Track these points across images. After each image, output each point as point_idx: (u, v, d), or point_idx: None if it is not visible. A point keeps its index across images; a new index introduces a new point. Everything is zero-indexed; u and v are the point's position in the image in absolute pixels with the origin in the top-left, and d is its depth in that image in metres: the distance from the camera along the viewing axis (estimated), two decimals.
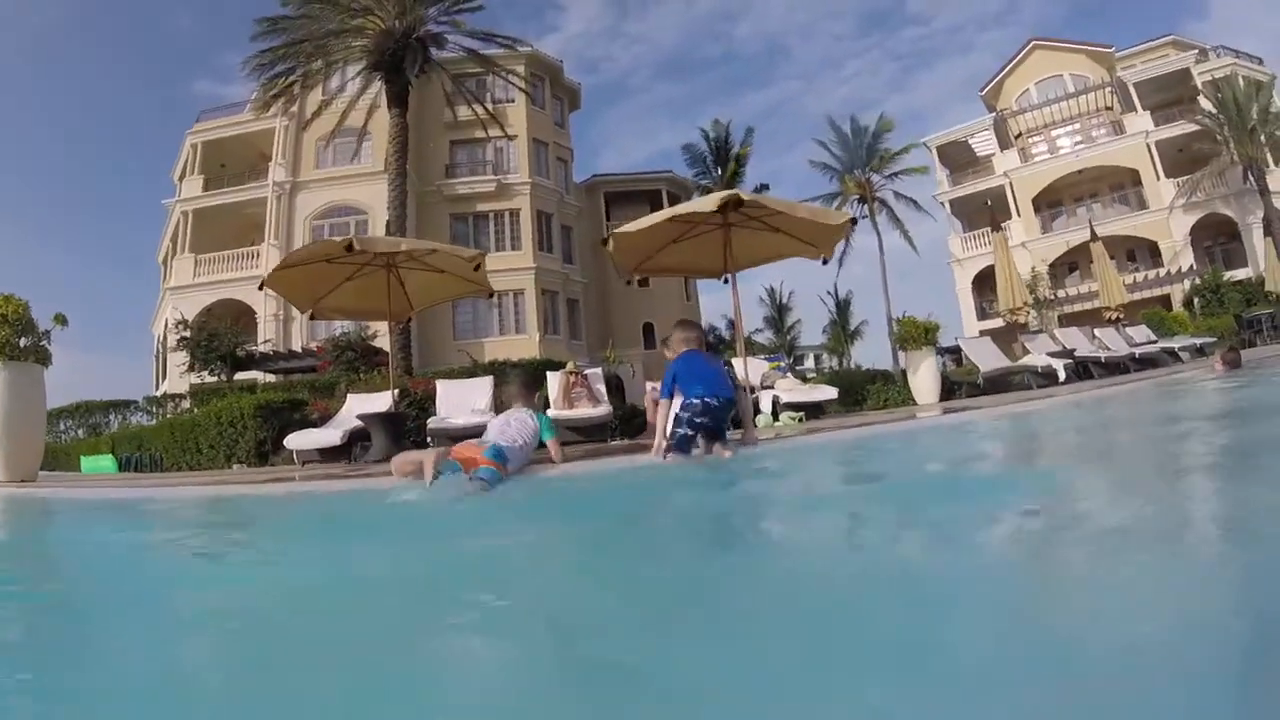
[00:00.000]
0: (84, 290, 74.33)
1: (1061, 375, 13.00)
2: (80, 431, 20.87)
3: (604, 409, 10.02)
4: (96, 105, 76.24)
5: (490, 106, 24.97)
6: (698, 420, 5.54)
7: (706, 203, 9.32)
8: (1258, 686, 1.03)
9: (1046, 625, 1.37)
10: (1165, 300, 32.30)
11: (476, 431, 9.50)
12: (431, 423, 9.92)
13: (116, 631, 1.84)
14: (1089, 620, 1.35)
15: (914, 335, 12.49)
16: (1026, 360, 13.93)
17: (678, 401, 5.56)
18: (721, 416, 5.70)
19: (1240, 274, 31.28)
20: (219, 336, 23.50)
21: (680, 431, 5.57)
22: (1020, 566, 1.81)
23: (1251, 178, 31.69)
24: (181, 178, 34.81)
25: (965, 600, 1.52)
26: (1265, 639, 1.13)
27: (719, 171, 35.79)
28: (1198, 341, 18.08)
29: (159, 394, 24.75)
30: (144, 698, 1.34)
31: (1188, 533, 2.03)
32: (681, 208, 9.95)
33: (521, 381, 5.70)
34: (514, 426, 5.19)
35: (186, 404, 20.42)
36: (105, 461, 14.57)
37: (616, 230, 8.99)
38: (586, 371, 11.04)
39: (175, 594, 2.31)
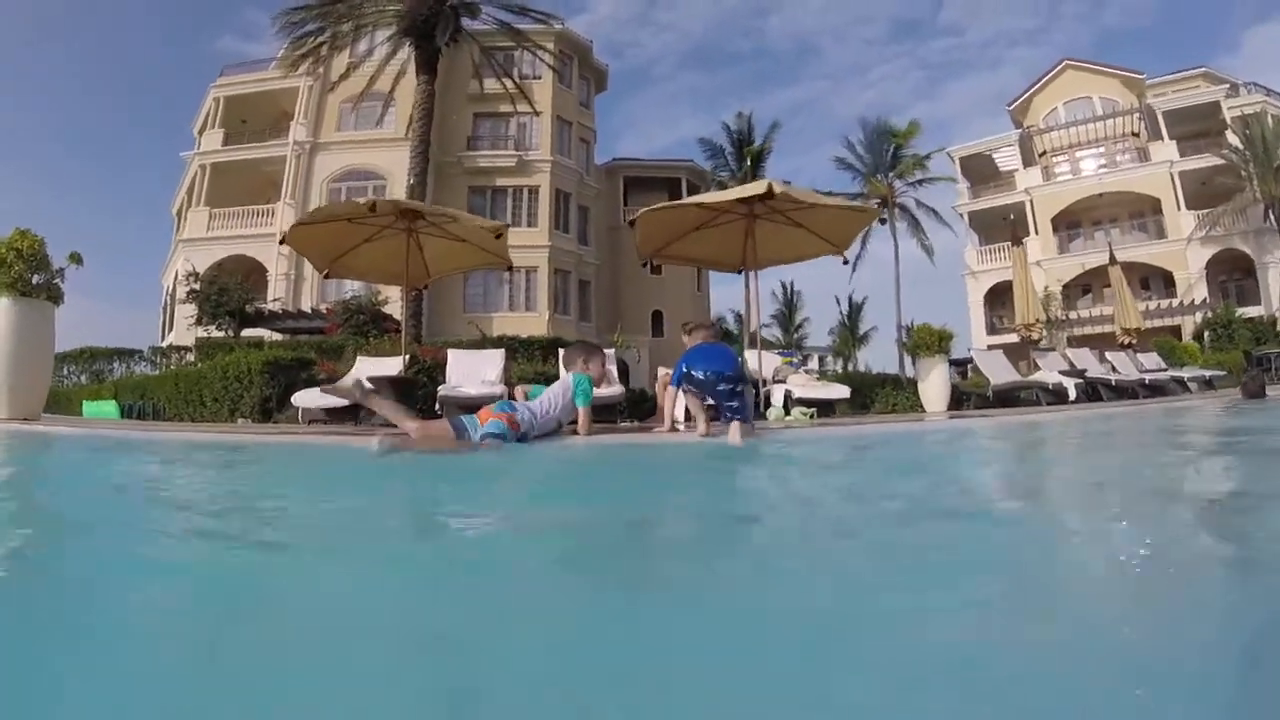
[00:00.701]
0: (96, 238, 74.37)
1: (1072, 394, 12.92)
2: (83, 377, 20.82)
3: (616, 389, 9.95)
4: (117, 57, 76.03)
5: (518, 81, 24.85)
6: (698, 379, 5.89)
7: (738, 192, 9.30)
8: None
9: None
10: (1176, 330, 32.20)
11: (488, 400, 9.51)
12: (442, 390, 9.85)
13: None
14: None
15: (928, 342, 12.42)
16: (1037, 376, 13.85)
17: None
18: (720, 392, 5.90)
19: (1252, 311, 31.18)
20: (228, 291, 23.46)
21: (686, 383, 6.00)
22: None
23: (1273, 216, 31.57)
24: (201, 131, 34.70)
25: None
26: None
27: (739, 165, 35.69)
28: (1207, 374, 17.98)
29: (164, 345, 24.74)
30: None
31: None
32: (710, 196, 9.96)
33: (581, 346, 5.92)
34: (549, 398, 5.34)
35: (191, 357, 20.39)
36: (108, 406, 14.53)
37: (643, 210, 8.96)
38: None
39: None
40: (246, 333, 23.74)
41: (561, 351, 5.81)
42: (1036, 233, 37.59)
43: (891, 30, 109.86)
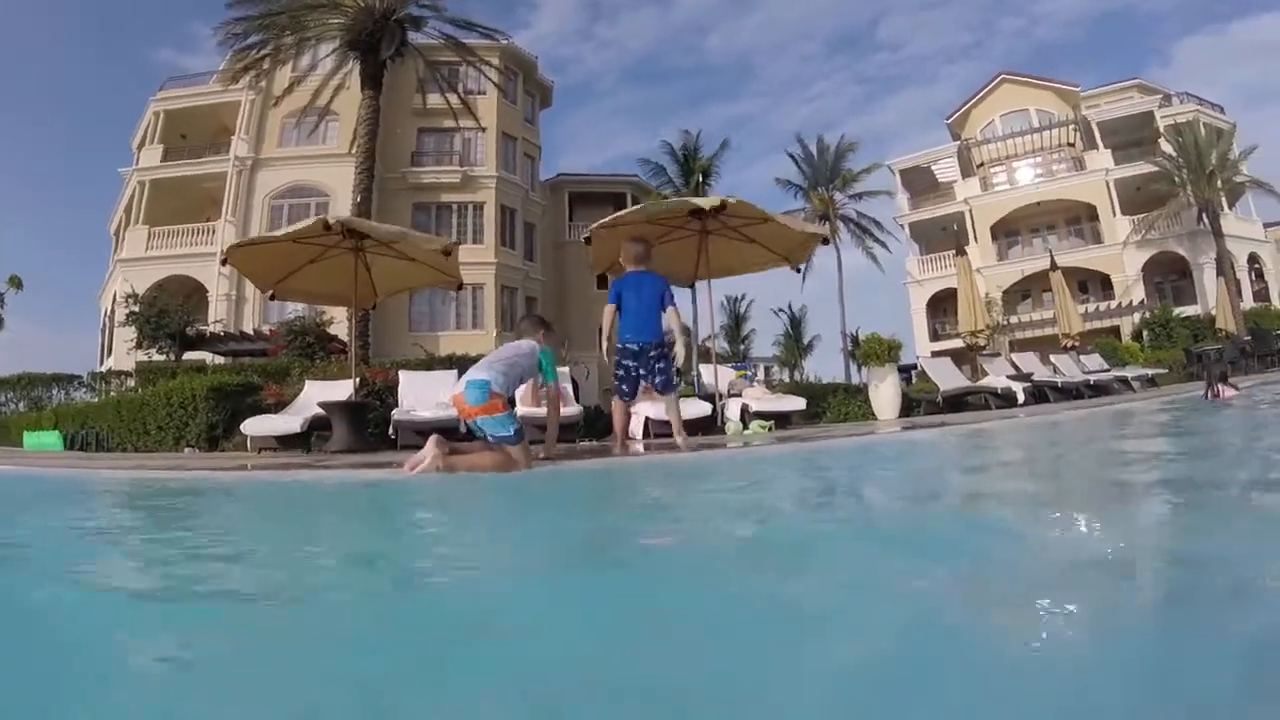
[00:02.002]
0: (29, 259, 72.02)
1: (1020, 398, 13.20)
2: (21, 405, 20.11)
3: (574, 409, 9.91)
4: (50, 70, 73.90)
5: (463, 96, 24.67)
6: (624, 364, 6.06)
7: (693, 202, 9.32)
8: None
9: None
10: (1115, 331, 33.08)
11: (444, 425, 9.37)
12: (396, 414, 9.70)
13: None
14: None
15: (877, 352, 12.58)
16: (986, 381, 14.13)
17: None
18: (651, 359, 6.03)
19: (1189, 310, 32.18)
20: (169, 313, 22.80)
21: (618, 382, 6.16)
22: None
23: (1206, 219, 32.66)
24: (140, 146, 33.78)
25: None
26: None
27: (685, 181, 35.84)
28: (1149, 372, 18.50)
29: (104, 369, 23.99)
30: None
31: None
32: (667, 204, 9.96)
33: (533, 318, 5.60)
34: (509, 350, 5.12)
35: (132, 382, 19.80)
36: (50, 437, 14.03)
37: (597, 224, 8.92)
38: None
39: None
40: (188, 356, 23.10)
41: (516, 325, 5.66)
42: (976, 241, 38.33)
43: (829, 46, 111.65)
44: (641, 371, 6.05)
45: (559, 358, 7.62)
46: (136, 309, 22.85)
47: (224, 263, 9.76)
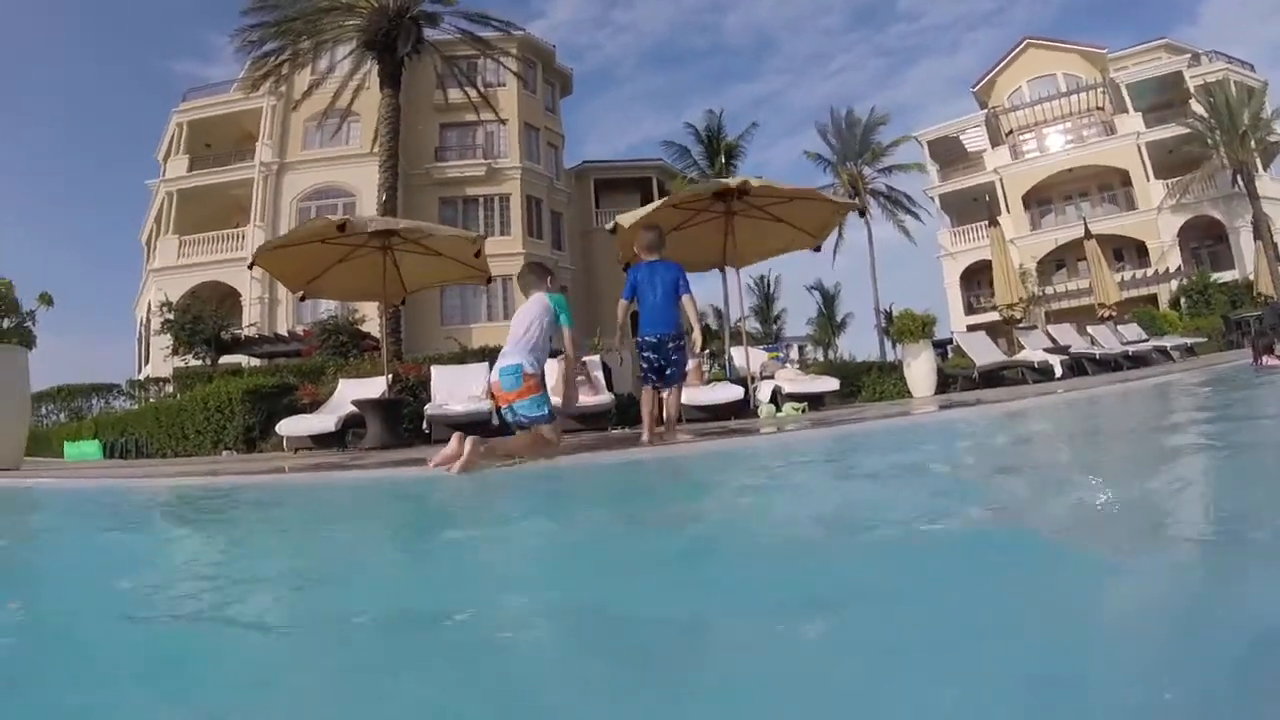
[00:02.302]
0: (65, 276, 73.31)
1: (1058, 371, 12.97)
2: (62, 415, 20.47)
3: (605, 397, 9.87)
4: (76, 87, 75.02)
5: (482, 89, 24.65)
6: (645, 356, 6.11)
7: (713, 186, 9.23)
8: None
9: None
10: (1153, 299, 32.42)
11: (476, 418, 9.40)
12: (429, 409, 9.74)
13: None
14: None
15: (911, 328, 12.43)
16: (1022, 355, 13.89)
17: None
18: (669, 350, 6.05)
19: (1226, 276, 31.41)
20: (203, 319, 23.11)
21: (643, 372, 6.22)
22: None
23: (1241, 182, 31.86)
24: (166, 157, 34.24)
25: None
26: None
27: (710, 163, 35.62)
28: (1188, 341, 18.13)
29: (141, 377, 24.36)
30: None
31: None
32: (688, 190, 9.86)
33: (530, 269, 5.57)
34: (524, 317, 5.15)
35: (170, 388, 20.07)
36: (90, 447, 14.26)
37: (620, 217, 8.85)
38: (585, 359, 10.86)
39: None
40: (224, 360, 23.41)
41: (517, 280, 5.62)
42: (1008, 211, 37.67)
43: (848, 19, 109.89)
44: (662, 362, 6.09)
45: (593, 345, 7.60)
46: (171, 317, 23.17)
47: (250, 267, 9.84)
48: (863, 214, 10.63)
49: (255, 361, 23.85)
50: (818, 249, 10.92)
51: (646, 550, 2.31)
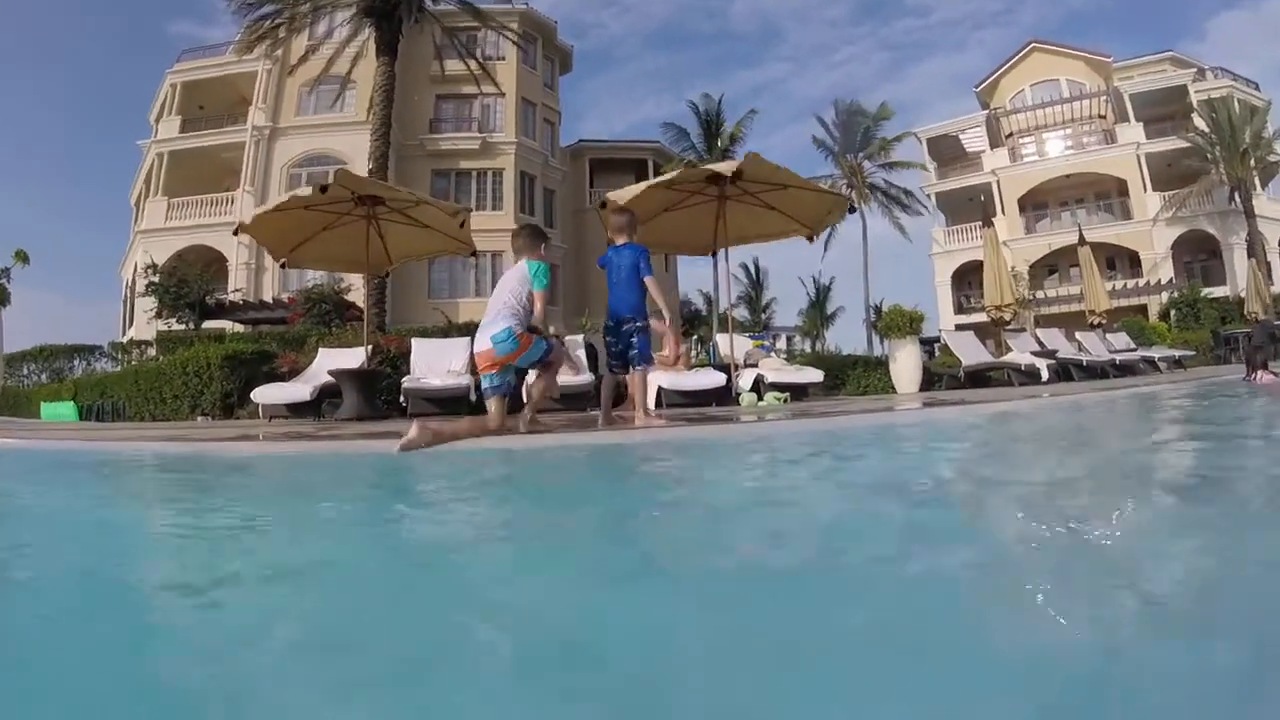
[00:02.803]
0: (55, 233, 72.61)
1: (1044, 375, 12.90)
2: (43, 376, 20.22)
3: (585, 377, 9.74)
4: (68, 44, 74.04)
5: (481, 61, 24.39)
6: (606, 339, 6.10)
7: (708, 170, 9.08)
8: None
9: None
10: (1143, 310, 32.50)
11: (453, 393, 9.28)
12: (406, 382, 9.60)
13: None
14: None
15: (899, 324, 12.33)
16: (1010, 358, 13.81)
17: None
18: (626, 332, 5.96)
19: (1218, 291, 31.58)
20: (188, 283, 22.85)
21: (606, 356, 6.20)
22: None
23: (1238, 199, 31.97)
24: (159, 119, 33.80)
25: None
26: None
27: (708, 147, 35.42)
28: (1176, 353, 18.12)
29: (125, 340, 24.10)
30: None
31: None
32: (680, 174, 9.71)
33: (527, 233, 5.57)
34: (505, 284, 5.22)
35: (153, 351, 19.85)
36: (65, 408, 14.10)
37: (610, 195, 8.71)
38: (566, 339, 10.73)
39: None
40: (208, 325, 23.17)
41: (512, 240, 5.56)
42: (1003, 213, 37.64)
43: (856, 11, 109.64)
44: (621, 346, 5.98)
45: (581, 325, 7.51)
46: (156, 279, 22.91)
47: (236, 232, 9.67)
48: (853, 210, 10.47)
49: (239, 328, 23.62)
50: (812, 239, 10.82)
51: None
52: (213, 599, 1.55)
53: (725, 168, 8.69)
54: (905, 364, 12.29)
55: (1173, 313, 29.29)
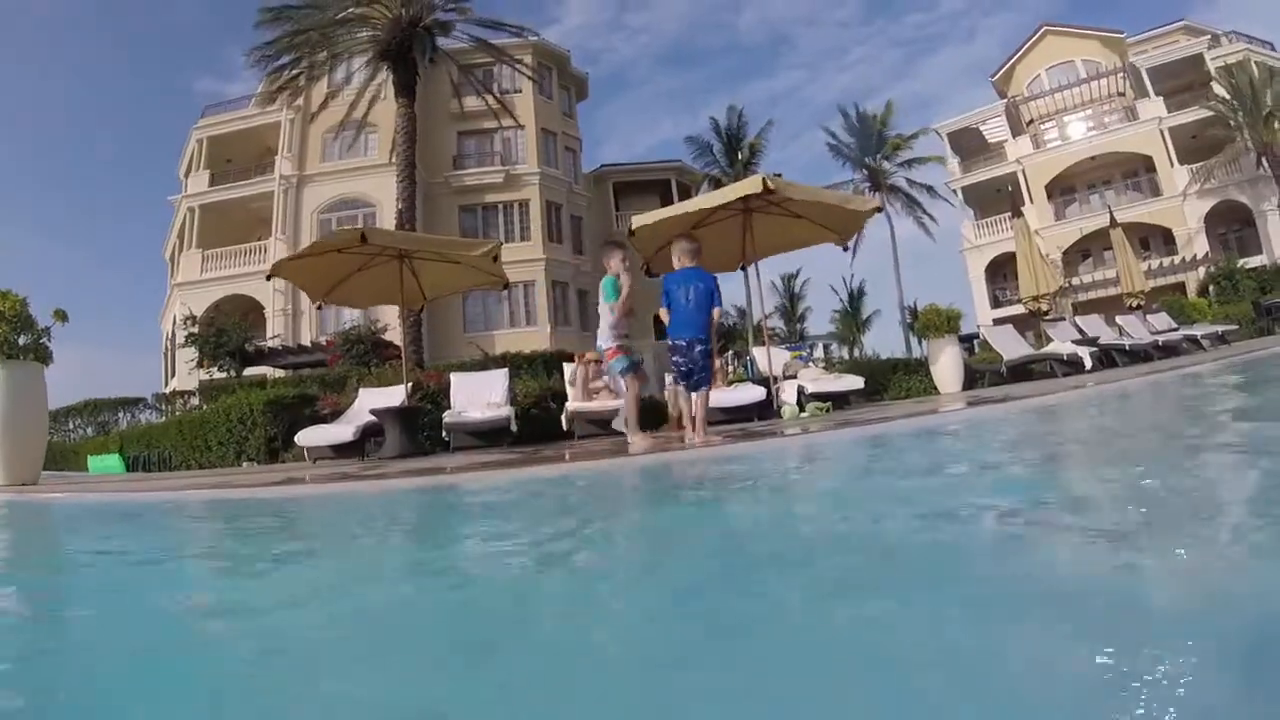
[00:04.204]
0: (94, 287, 74.27)
1: (1088, 363, 12.70)
2: (89, 430, 20.68)
3: (621, 401, 9.75)
4: (99, 104, 76.01)
5: (498, 96, 24.69)
6: (674, 359, 6.36)
7: (732, 192, 9.09)
8: None
9: None
10: (1180, 287, 31.92)
11: (495, 425, 9.35)
12: (448, 417, 9.68)
13: None
14: None
15: (936, 323, 12.22)
16: (1051, 348, 13.63)
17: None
18: (697, 355, 6.22)
19: (1255, 261, 30.86)
20: (227, 332, 23.31)
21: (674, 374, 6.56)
22: None
23: (1266, 164, 31.34)
24: (188, 174, 34.61)
25: None
26: None
27: (729, 161, 35.42)
28: (1219, 329, 17.74)
29: (168, 391, 24.59)
30: None
31: None
32: (706, 199, 9.72)
33: (601, 250, 6.89)
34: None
35: (195, 400, 20.25)
36: (112, 461, 14.37)
37: (638, 222, 8.75)
38: (603, 361, 10.76)
39: None
40: (249, 372, 23.58)
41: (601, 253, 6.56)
42: (1031, 201, 37.23)
43: (862, 10, 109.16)
44: (690, 366, 6.27)
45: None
46: (195, 330, 23.37)
47: (269, 278, 9.85)
48: (879, 210, 10.46)
49: (279, 373, 23.98)
50: (846, 248, 10.79)
51: None
52: None
53: (748, 187, 8.68)
54: (946, 364, 12.16)
55: (1211, 287, 28.62)
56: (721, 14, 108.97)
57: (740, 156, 34.79)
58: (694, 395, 6.33)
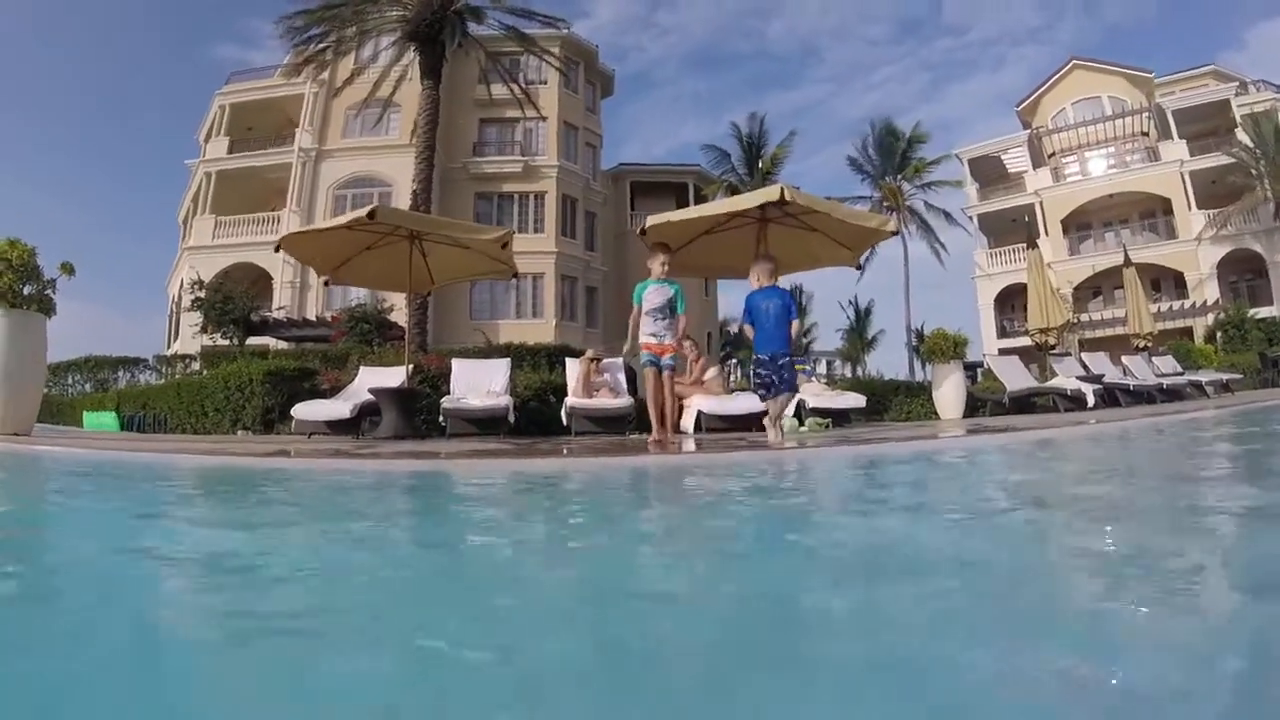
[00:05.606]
0: (104, 247, 74.51)
1: (1090, 400, 12.64)
2: (88, 386, 20.71)
3: (625, 400, 9.72)
4: (120, 67, 76.21)
5: (524, 86, 24.67)
6: (759, 371, 6.98)
7: (749, 199, 9.05)
8: None
9: None
10: (1188, 332, 31.82)
11: (493, 413, 9.32)
12: (446, 402, 9.64)
13: None
14: None
15: (942, 348, 12.17)
16: (1055, 383, 13.56)
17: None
18: (778, 372, 6.87)
19: (1265, 311, 30.74)
20: (234, 299, 23.31)
21: (756, 386, 7.16)
22: None
23: None
24: (207, 139, 34.67)
25: None
26: None
27: (749, 170, 35.31)
28: (1224, 377, 17.70)
29: (169, 353, 24.59)
30: None
31: None
32: (723, 204, 9.68)
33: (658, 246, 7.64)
34: None
35: (196, 365, 20.26)
36: (107, 418, 14.40)
37: (653, 221, 8.71)
38: (606, 360, 10.74)
39: None
40: (252, 341, 23.60)
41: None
42: (1046, 234, 37.12)
43: (894, 30, 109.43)
44: (774, 377, 6.89)
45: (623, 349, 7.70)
46: (202, 295, 23.37)
47: (277, 249, 9.82)
48: (895, 233, 10.43)
49: (282, 344, 24.00)
50: (860, 268, 10.75)
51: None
52: None
53: (764, 196, 8.64)
54: (949, 390, 12.13)
55: (1219, 334, 28.57)
56: (751, 20, 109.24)
57: (760, 166, 34.62)
58: (776, 399, 7.05)
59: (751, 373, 7.22)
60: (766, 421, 7.15)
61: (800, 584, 1.86)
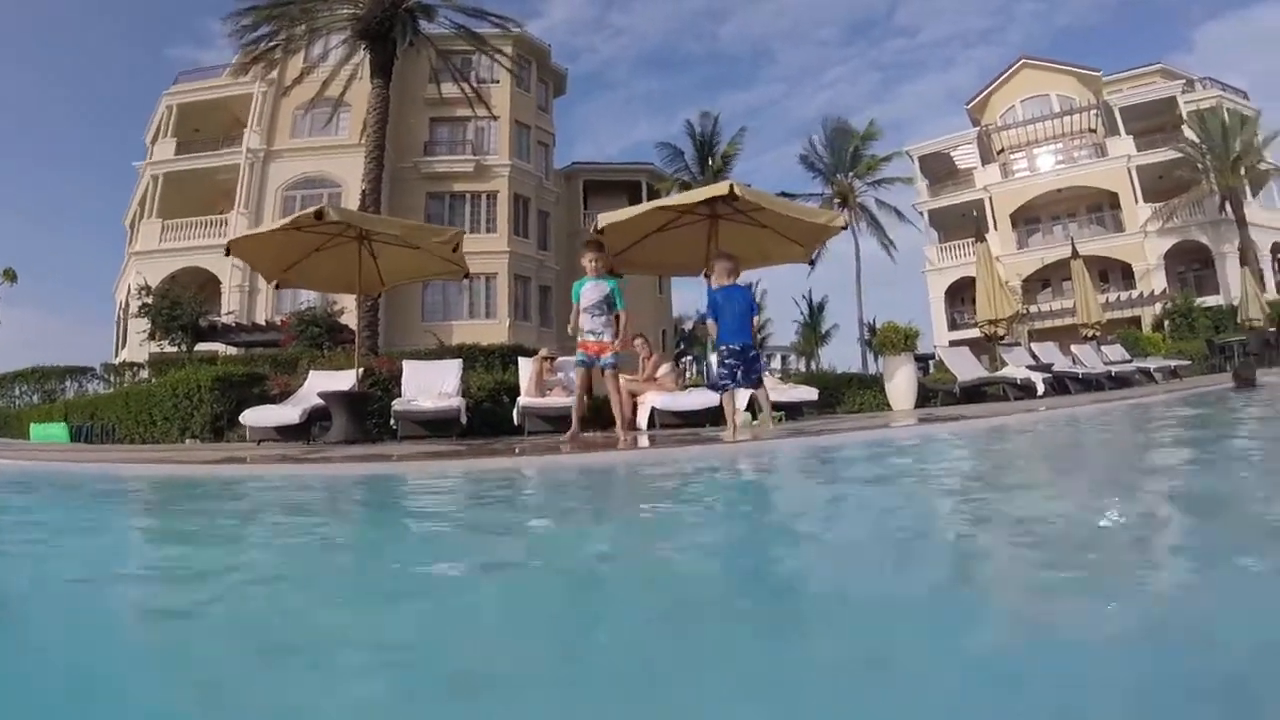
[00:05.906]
0: (50, 252, 72.66)
1: (1040, 389, 12.88)
2: (34, 397, 20.12)
3: (574, 399, 9.67)
4: (69, 66, 74.33)
5: (475, 85, 24.48)
6: (727, 362, 7.00)
7: (699, 194, 9.07)
8: None
9: None
10: (1136, 321, 32.53)
11: (445, 415, 9.23)
12: (397, 404, 9.53)
13: None
14: None
15: (894, 341, 12.30)
16: (1005, 372, 13.79)
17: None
18: (748, 363, 7.00)
19: (1211, 300, 31.59)
20: (181, 305, 22.82)
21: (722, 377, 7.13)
22: None
23: (1229, 208, 32.13)
24: (154, 140, 33.94)
25: None
26: None
27: (701, 168, 35.39)
28: (1171, 364, 18.10)
29: (117, 362, 24.01)
30: None
31: None
32: (674, 198, 9.69)
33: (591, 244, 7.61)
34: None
35: (145, 373, 19.79)
36: (56, 429, 14.02)
37: (606, 220, 8.68)
38: (559, 359, 10.70)
39: None
40: (201, 347, 23.13)
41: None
42: (996, 229, 37.76)
43: (845, 32, 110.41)
44: (741, 368, 7.00)
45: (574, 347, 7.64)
46: (149, 301, 22.86)
47: (227, 253, 9.64)
48: (844, 227, 10.55)
49: (232, 350, 23.57)
50: (811, 264, 10.83)
51: None
52: None
53: (715, 190, 8.67)
54: (900, 381, 12.25)
55: (1166, 323, 29.27)
56: (704, 22, 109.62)
57: (712, 164, 34.72)
58: (752, 392, 7.49)
59: (718, 362, 7.25)
60: (728, 414, 7.28)
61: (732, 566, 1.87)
